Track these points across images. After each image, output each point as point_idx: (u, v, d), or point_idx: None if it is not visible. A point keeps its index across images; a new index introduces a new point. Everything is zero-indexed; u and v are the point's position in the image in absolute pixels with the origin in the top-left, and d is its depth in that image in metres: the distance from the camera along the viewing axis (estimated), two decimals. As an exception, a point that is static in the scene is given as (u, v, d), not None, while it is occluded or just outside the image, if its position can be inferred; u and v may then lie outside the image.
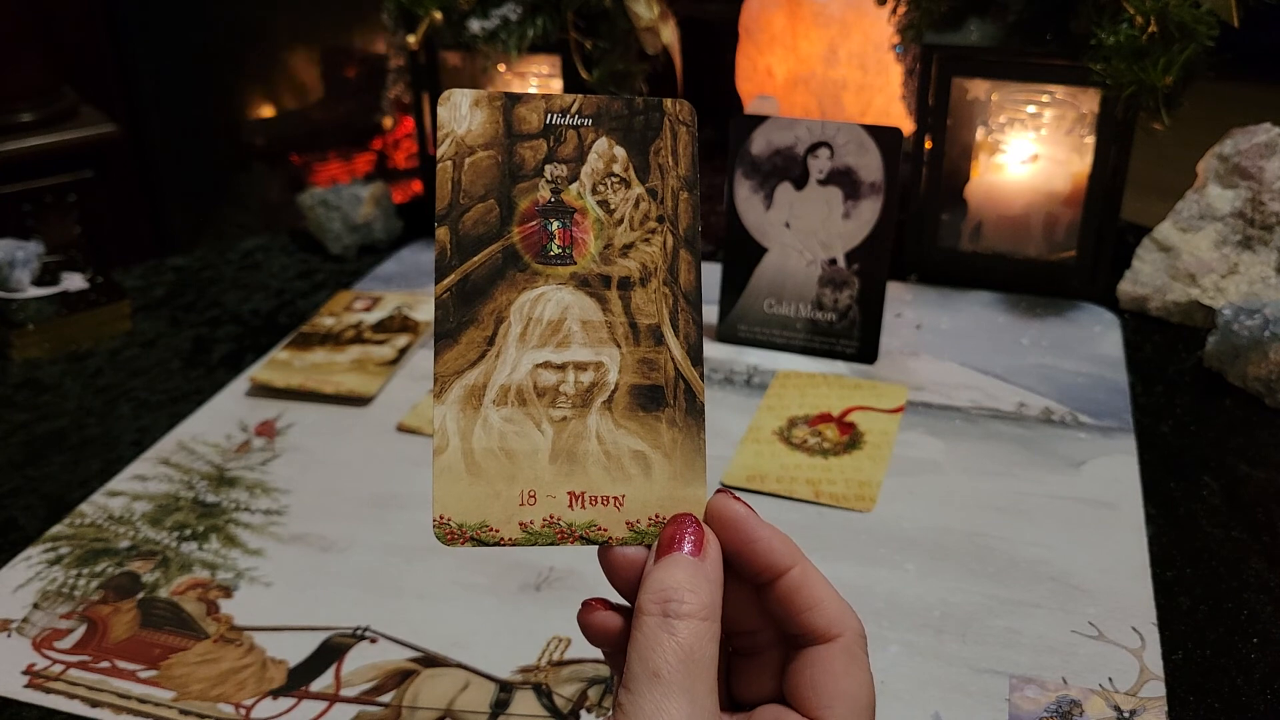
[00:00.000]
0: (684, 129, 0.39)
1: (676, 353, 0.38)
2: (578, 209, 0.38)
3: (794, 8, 1.14)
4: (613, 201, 0.38)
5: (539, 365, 0.37)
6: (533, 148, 0.38)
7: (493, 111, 0.38)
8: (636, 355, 0.38)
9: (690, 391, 0.38)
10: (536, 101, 0.38)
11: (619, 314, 0.38)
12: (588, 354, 0.38)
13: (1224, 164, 0.88)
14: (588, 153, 0.38)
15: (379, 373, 0.80)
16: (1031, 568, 0.61)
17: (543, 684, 0.53)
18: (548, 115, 0.38)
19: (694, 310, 0.38)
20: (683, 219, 0.38)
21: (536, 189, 0.38)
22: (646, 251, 0.38)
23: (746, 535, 0.36)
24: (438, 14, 0.92)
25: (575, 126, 0.38)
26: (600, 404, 0.37)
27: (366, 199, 1.02)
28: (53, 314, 0.86)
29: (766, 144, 0.81)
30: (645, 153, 0.38)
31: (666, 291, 0.38)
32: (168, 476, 0.70)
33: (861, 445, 0.72)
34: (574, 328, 0.38)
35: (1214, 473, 0.69)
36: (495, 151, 0.38)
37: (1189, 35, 0.77)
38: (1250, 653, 0.55)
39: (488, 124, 0.38)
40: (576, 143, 0.38)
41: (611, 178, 0.38)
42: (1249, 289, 0.86)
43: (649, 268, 0.38)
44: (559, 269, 0.38)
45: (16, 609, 0.59)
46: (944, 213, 0.94)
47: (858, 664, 0.36)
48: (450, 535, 0.37)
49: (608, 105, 0.38)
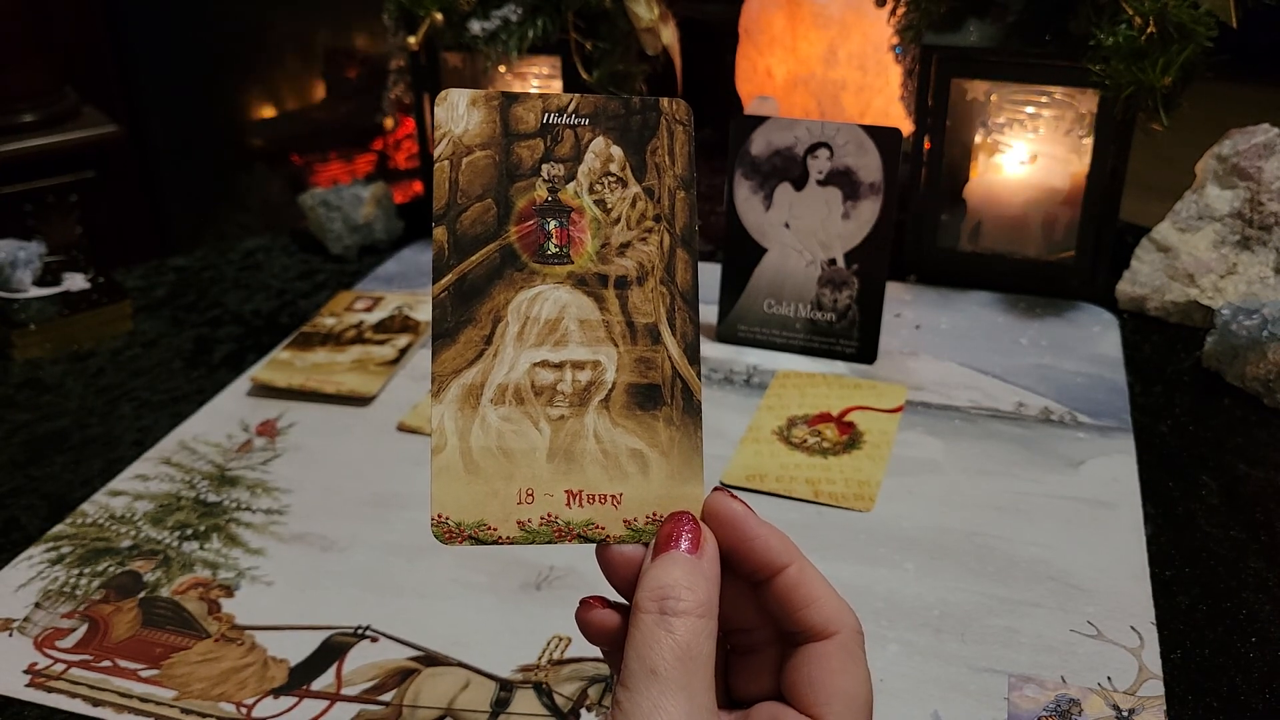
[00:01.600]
0: (680, 128, 0.39)
1: (674, 351, 0.38)
2: (575, 208, 0.38)
3: (793, 9, 1.14)
4: (610, 201, 0.38)
5: (536, 364, 0.37)
6: (530, 147, 0.38)
7: (490, 111, 0.38)
8: (634, 354, 0.38)
9: (687, 390, 0.38)
10: (533, 101, 0.38)
11: (616, 313, 0.38)
12: (585, 353, 0.38)
13: (1222, 164, 0.88)
14: (585, 152, 0.38)
15: (380, 372, 0.81)
16: (1030, 567, 0.61)
17: (543, 683, 0.53)
18: (545, 115, 0.38)
19: (691, 309, 0.38)
20: (679, 218, 0.38)
21: (534, 188, 0.38)
22: (643, 250, 0.38)
23: (744, 533, 0.36)
24: (438, 15, 0.92)
25: (572, 126, 0.38)
26: (598, 403, 0.38)
27: (367, 199, 1.03)
28: (54, 314, 0.86)
29: (766, 144, 0.81)
30: (642, 152, 0.38)
31: (664, 290, 0.38)
32: (169, 476, 0.70)
33: (861, 445, 0.72)
34: (571, 327, 0.38)
35: (1212, 472, 0.70)
36: (492, 151, 0.38)
37: (1187, 36, 0.77)
38: (1249, 652, 0.55)
39: (485, 124, 0.38)
40: (573, 142, 0.38)
41: (608, 177, 0.38)
42: (1247, 289, 0.86)
43: (646, 267, 0.38)
44: (556, 268, 0.38)
45: (18, 608, 0.59)
46: (943, 213, 0.94)
47: (855, 661, 0.36)
48: (448, 534, 0.37)
49: (604, 105, 0.38)
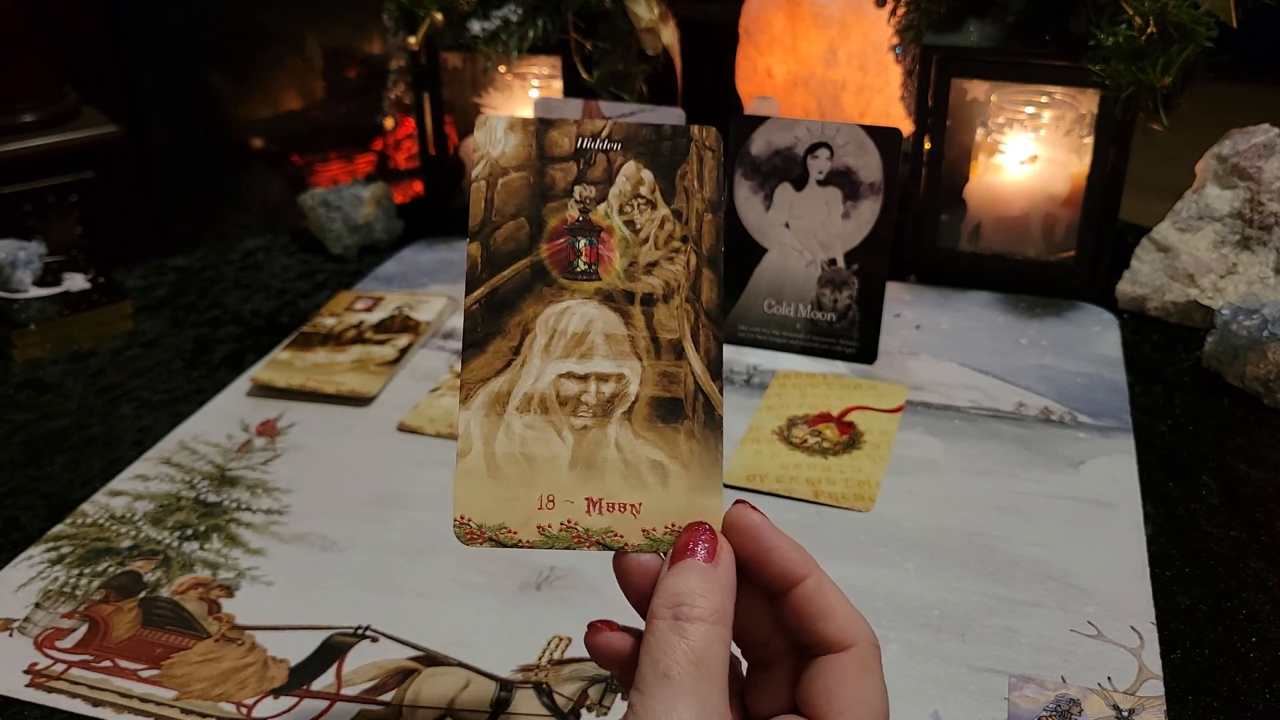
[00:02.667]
0: (710, 154, 0.40)
1: (697, 367, 0.39)
2: (604, 228, 0.39)
3: (793, 9, 1.14)
4: (639, 221, 0.39)
5: (562, 375, 0.39)
6: (563, 170, 0.40)
7: (526, 135, 0.40)
8: (657, 369, 0.39)
9: (709, 405, 0.39)
10: (568, 126, 0.40)
11: (641, 328, 0.39)
12: (610, 366, 0.39)
13: (1222, 164, 0.88)
14: (616, 175, 0.40)
15: (380, 372, 0.81)
16: (1030, 567, 0.61)
17: (543, 683, 0.53)
18: (579, 139, 0.40)
19: (715, 326, 0.39)
20: (706, 239, 0.40)
21: (566, 209, 0.40)
22: (670, 269, 0.39)
23: (762, 544, 0.37)
24: (438, 15, 0.93)
25: (605, 150, 0.40)
26: (620, 414, 0.38)
27: (367, 199, 1.03)
28: (54, 314, 0.86)
29: (766, 144, 0.81)
30: (672, 176, 0.40)
31: (688, 308, 0.39)
32: (169, 476, 0.70)
33: (861, 445, 0.72)
34: (597, 340, 0.39)
35: (1212, 472, 0.70)
36: (527, 173, 0.40)
37: (1188, 36, 0.77)
38: (1249, 652, 0.55)
39: (521, 147, 0.40)
40: (605, 166, 0.40)
41: (638, 199, 0.40)
42: (1247, 289, 0.86)
43: (672, 285, 0.39)
44: (585, 284, 0.39)
45: (18, 608, 0.59)
46: (943, 213, 0.94)
47: (871, 673, 0.36)
48: (470, 535, 0.38)
49: (637, 131, 0.40)
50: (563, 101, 0.86)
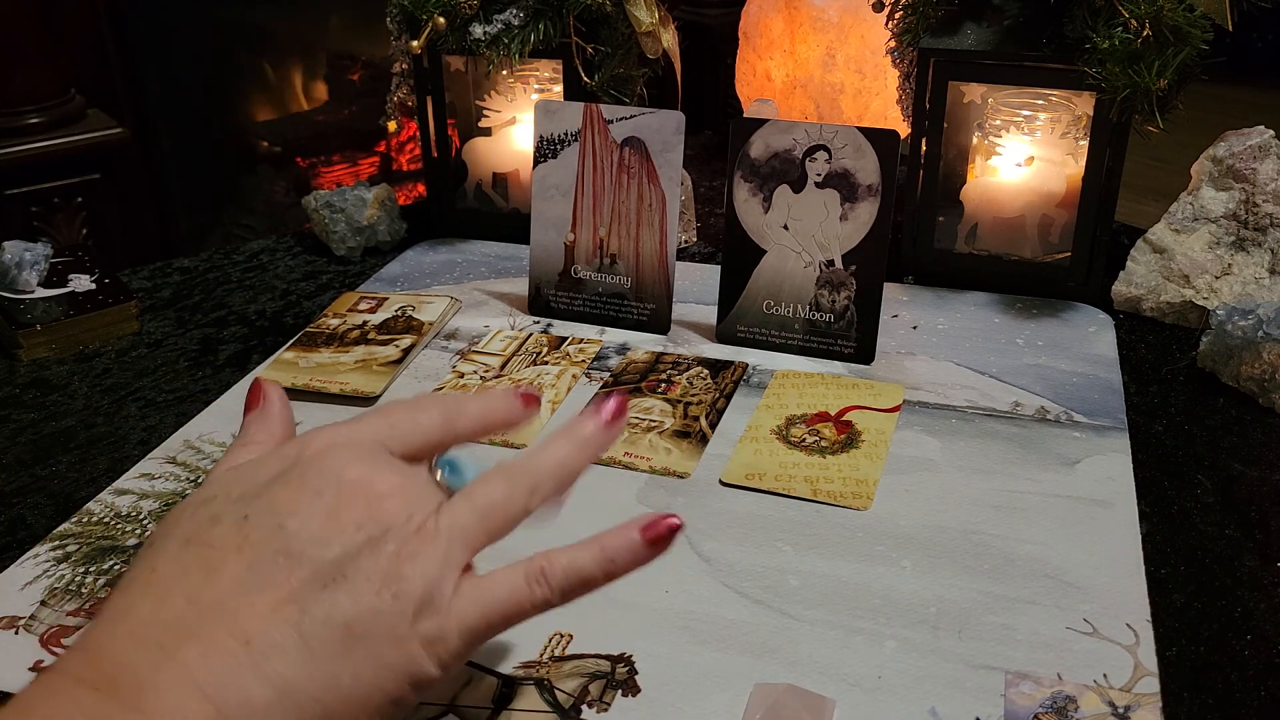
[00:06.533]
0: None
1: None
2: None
3: (792, 13, 1.15)
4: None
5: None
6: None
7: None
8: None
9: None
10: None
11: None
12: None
13: (1217, 166, 0.89)
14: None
15: (383, 372, 0.81)
16: (1027, 565, 0.61)
17: (545, 679, 0.54)
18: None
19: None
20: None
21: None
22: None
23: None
24: (441, 19, 0.93)
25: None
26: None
27: (371, 201, 1.03)
28: (60, 315, 0.87)
29: (765, 147, 0.82)
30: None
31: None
32: (175, 475, 0.71)
33: (859, 444, 0.72)
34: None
35: (1207, 471, 0.70)
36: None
37: (1183, 39, 0.78)
38: (1244, 649, 0.56)
39: None
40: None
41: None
42: (1242, 290, 0.87)
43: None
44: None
45: (24, 606, 0.60)
46: (940, 215, 0.95)
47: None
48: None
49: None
50: (563, 105, 0.87)
